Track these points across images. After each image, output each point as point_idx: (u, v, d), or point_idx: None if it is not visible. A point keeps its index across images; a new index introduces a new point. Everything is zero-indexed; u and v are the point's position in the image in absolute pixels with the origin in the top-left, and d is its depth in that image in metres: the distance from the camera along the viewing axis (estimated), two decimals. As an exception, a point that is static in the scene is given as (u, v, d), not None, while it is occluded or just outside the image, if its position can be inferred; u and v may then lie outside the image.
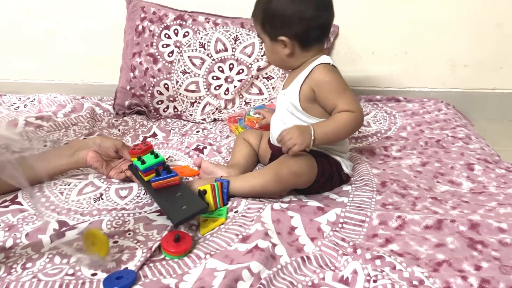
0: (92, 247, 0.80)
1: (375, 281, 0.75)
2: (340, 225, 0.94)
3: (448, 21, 1.70)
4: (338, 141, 1.07)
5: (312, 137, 0.99)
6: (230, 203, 1.01)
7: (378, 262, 0.81)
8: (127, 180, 1.13)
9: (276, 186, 1.01)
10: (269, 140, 1.18)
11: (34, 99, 1.77)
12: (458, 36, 1.71)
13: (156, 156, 1.05)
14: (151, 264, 0.82)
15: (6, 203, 1.04)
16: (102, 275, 0.78)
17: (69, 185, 1.11)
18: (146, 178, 1.02)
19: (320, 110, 1.05)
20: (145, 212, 1.01)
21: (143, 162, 1.03)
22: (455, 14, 1.68)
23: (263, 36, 1.06)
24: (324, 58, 1.06)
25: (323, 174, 1.06)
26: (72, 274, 0.79)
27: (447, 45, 1.73)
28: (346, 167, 1.10)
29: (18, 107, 1.72)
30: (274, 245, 0.85)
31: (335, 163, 1.09)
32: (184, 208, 0.91)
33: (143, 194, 1.08)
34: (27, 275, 0.78)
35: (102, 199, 1.05)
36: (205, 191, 0.98)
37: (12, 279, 0.78)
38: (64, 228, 0.93)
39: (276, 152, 1.11)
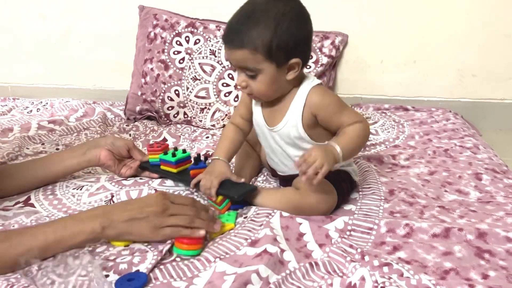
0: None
1: (382, 288, 0.76)
2: (348, 233, 0.95)
3: (456, 31, 1.71)
4: (357, 153, 1.05)
5: (340, 153, 0.93)
6: (239, 210, 1.03)
7: (385, 269, 0.82)
8: (134, 176, 1.18)
9: (297, 214, 0.99)
10: (272, 169, 1.15)
11: (47, 103, 1.80)
12: (467, 46, 1.72)
13: (184, 151, 1.14)
14: (161, 267, 0.83)
15: (20, 205, 1.06)
16: (114, 277, 0.80)
17: (81, 189, 1.13)
18: (175, 170, 1.10)
19: (323, 132, 1.02)
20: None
21: (174, 155, 1.10)
22: (464, 24, 1.70)
23: (264, 66, 0.93)
24: (313, 79, 1.02)
25: (342, 193, 1.04)
26: (85, 275, 0.80)
27: (455, 54, 1.74)
28: (355, 175, 1.11)
29: (31, 111, 1.75)
30: (282, 250, 0.86)
31: (347, 176, 1.08)
32: (234, 190, 1.00)
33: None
34: (42, 276, 0.80)
35: (113, 201, 1.07)
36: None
37: (27, 280, 0.79)
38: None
39: (285, 182, 1.10)
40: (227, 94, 1.64)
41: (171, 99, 1.64)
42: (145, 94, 1.67)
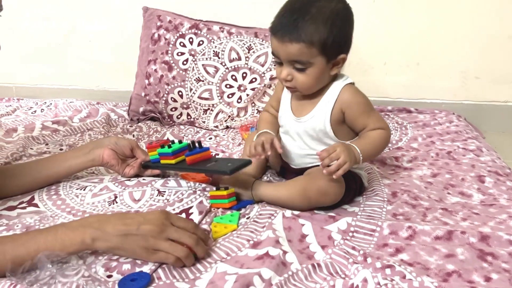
0: None
1: (385, 290, 0.76)
2: (350, 234, 0.95)
3: (460, 33, 1.71)
4: (375, 157, 1.09)
5: (360, 155, 0.98)
6: (243, 210, 1.03)
7: (388, 271, 0.82)
8: (137, 176, 1.18)
9: (302, 202, 1.01)
10: (284, 162, 1.16)
11: (51, 103, 1.81)
12: (470, 48, 1.72)
13: (180, 142, 1.15)
14: (165, 267, 0.83)
15: (23, 205, 1.06)
16: (117, 277, 0.80)
17: (84, 189, 1.13)
18: (174, 161, 1.11)
19: (346, 131, 1.06)
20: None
21: (170, 147, 1.12)
22: (467, 26, 1.70)
23: (316, 60, 0.97)
24: (347, 77, 1.07)
25: (349, 191, 1.05)
26: (88, 276, 0.81)
27: (459, 57, 1.74)
28: (365, 180, 1.11)
29: (35, 111, 1.76)
30: (285, 252, 0.86)
31: (358, 179, 1.09)
32: (230, 165, 1.03)
33: (156, 196, 1.09)
34: (45, 276, 0.80)
35: (116, 202, 1.07)
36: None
37: (31, 279, 0.79)
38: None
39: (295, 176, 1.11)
40: (230, 96, 1.64)
41: (175, 100, 1.65)
42: (148, 95, 1.68)
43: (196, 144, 1.12)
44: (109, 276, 0.80)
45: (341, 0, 1.00)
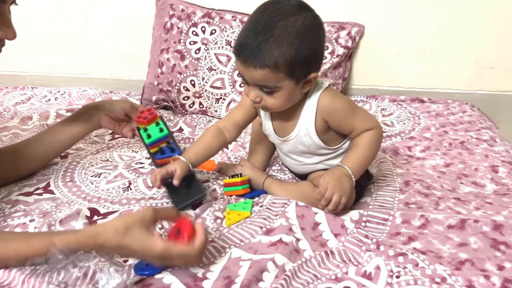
0: None
1: (397, 277, 0.77)
2: (363, 224, 0.95)
3: (474, 23, 1.69)
4: (371, 163, 1.05)
5: (353, 176, 0.94)
6: (256, 198, 1.04)
7: (401, 259, 0.82)
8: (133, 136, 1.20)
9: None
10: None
11: (65, 92, 1.82)
12: (485, 37, 1.70)
13: (161, 130, 1.12)
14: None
15: (39, 191, 1.08)
16: (133, 261, 0.81)
17: (99, 176, 1.15)
18: (152, 150, 1.13)
19: (335, 135, 1.01)
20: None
21: (149, 136, 1.12)
22: (482, 16, 1.67)
23: (284, 84, 0.89)
24: (322, 82, 0.99)
25: (360, 190, 1.05)
26: (105, 260, 0.82)
27: (473, 46, 1.72)
28: (371, 167, 1.11)
29: (49, 99, 1.77)
30: (298, 239, 0.87)
31: (365, 171, 1.06)
32: (185, 192, 1.01)
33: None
34: (62, 260, 0.82)
35: (131, 189, 1.09)
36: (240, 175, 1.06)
37: (49, 265, 0.81)
38: (95, 217, 0.97)
39: (301, 177, 1.12)
40: (242, 85, 1.64)
41: (187, 89, 1.65)
42: (161, 84, 1.68)
43: (169, 146, 1.13)
44: (125, 261, 0.82)
45: (309, 15, 0.89)
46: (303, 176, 1.12)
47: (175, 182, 0.99)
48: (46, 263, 0.76)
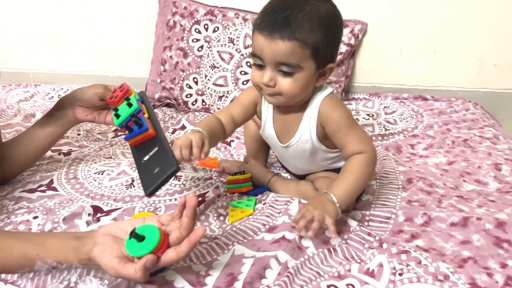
0: None
1: (400, 274, 0.77)
2: (366, 223, 0.95)
3: (477, 20, 1.68)
4: (360, 192, 0.97)
5: (337, 204, 0.86)
6: (259, 195, 1.04)
7: (403, 256, 0.82)
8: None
9: None
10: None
11: (68, 89, 1.83)
12: (488, 35, 1.70)
13: (130, 105, 0.94)
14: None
15: (43, 188, 1.08)
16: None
17: (102, 173, 1.15)
18: (125, 136, 0.92)
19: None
20: (175, 199, 1.04)
21: (118, 116, 0.94)
22: (485, 13, 1.67)
23: (307, 64, 0.85)
24: (325, 87, 0.95)
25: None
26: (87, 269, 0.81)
27: (476, 44, 1.72)
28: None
29: (52, 97, 1.78)
30: (300, 237, 0.87)
31: None
32: (157, 172, 0.81)
33: (173, 180, 1.10)
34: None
35: (134, 186, 1.09)
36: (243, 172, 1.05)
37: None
38: (98, 214, 0.97)
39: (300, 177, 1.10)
40: (245, 82, 1.64)
41: (190, 87, 1.65)
42: (164, 81, 1.69)
43: (136, 122, 0.91)
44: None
45: (332, 3, 0.88)
46: (301, 176, 1.11)
47: (201, 155, 0.83)
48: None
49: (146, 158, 0.88)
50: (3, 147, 1.08)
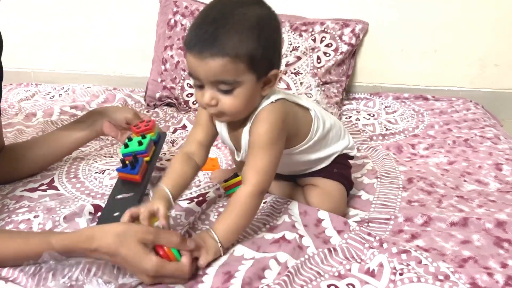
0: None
1: (401, 274, 0.77)
2: (366, 224, 0.95)
3: (478, 20, 1.68)
4: (247, 224, 0.86)
5: (218, 242, 0.80)
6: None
7: (404, 256, 0.82)
8: None
9: None
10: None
11: (68, 89, 1.83)
12: (489, 35, 1.70)
13: (140, 143, 1.06)
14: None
15: (44, 187, 1.09)
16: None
17: (103, 173, 1.15)
18: (117, 168, 1.05)
19: (293, 140, 0.91)
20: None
21: (126, 147, 1.06)
22: (486, 13, 1.67)
23: (245, 78, 0.78)
24: (274, 94, 0.86)
25: (348, 181, 1.03)
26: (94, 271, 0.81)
27: (477, 44, 1.72)
28: (350, 148, 1.02)
29: (53, 96, 1.78)
30: (301, 236, 0.87)
31: (344, 159, 1.02)
32: (115, 216, 0.89)
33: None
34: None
35: (135, 186, 1.09)
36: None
37: (54, 260, 0.82)
38: (99, 213, 0.97)
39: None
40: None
41: (191, 86, 1.66)
42: (165, 80, 1.69)
43: (135, 161, 1.03)
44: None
45: (265, 6, 0.81)
46: (286, 176, 1.06)
47: (162, 222, 0.81)
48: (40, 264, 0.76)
49: (119, 197, 0.98)
50: (21, 148, 1.13)
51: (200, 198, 1.02)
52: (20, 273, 0.76)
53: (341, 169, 1.01)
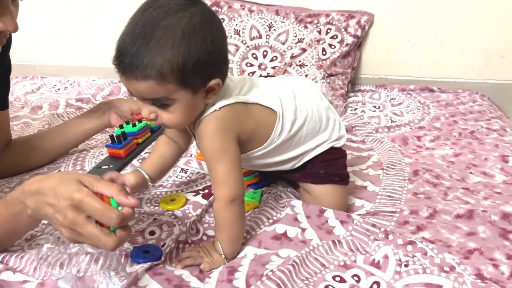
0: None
1: (406, 265, 0.77)
2: (371, 214, 0.95)
3: (485, 11, 1.67)
4: (241, 231, 0.84)
5: (222, 254, 0.81)
6: (265, 187, 1.04)
7: (409, 247, 0.82)
8: None
9: None
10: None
11: (74, 81, 1.84)
12: (495, 26, 1.68)
13: (134, 125, 1.16)
14: (180, 245, 0.86)
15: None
16: (127, 245, 0.83)
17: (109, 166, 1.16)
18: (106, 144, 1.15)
19: (250, 144, 0.86)
20: (181, 191, 1.05)
21: (121, 127, 1.16)
22: (493, 4, 1.65)
23: (177, 95, 0.72)
24: (214, 105, 0.79)
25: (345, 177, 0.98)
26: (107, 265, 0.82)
27: (483, 35, 1.70)
28: (337, 139, 0.94)
29: (58, 89, 1.79)
30: (303, 230, 0.87)
31: (335, 154, 0.96)
32: None
33: (179, 172, 1.12)
34: (74, 247, 0.83)
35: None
36: None
37: (61, 250, 0.82)
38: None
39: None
40: (250, 74, 1.64)
41: (195, 79, 1.66)
42: (169, 73, 1.69)
43: (116, 139, 1.10)
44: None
45: (198, 10, 0.72)
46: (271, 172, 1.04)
47: (128, 183, 0.83)
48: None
49: (100, 167, 1.07)
50: (31, 139, 1.17)
51: (206, 191, 1.03)
52: (27, 262, 0.77)
53: (328, 167, 0.94)
